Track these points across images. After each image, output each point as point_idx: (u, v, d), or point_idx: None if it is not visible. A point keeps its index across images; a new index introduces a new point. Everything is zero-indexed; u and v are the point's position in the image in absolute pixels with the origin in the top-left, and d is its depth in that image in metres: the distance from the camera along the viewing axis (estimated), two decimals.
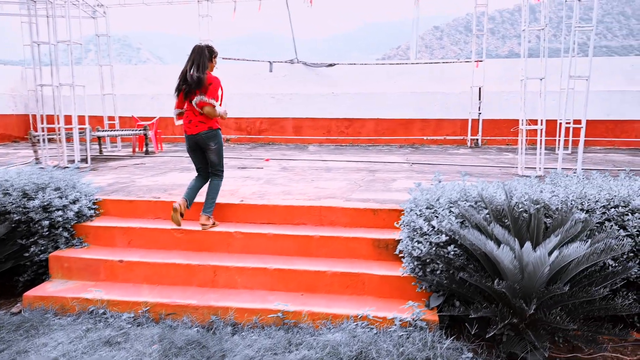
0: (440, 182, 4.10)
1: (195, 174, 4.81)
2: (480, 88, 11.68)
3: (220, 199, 4.92)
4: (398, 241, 4.00)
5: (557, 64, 9.71)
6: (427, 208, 3.77)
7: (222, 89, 4.57)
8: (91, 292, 4.04)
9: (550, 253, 3.05)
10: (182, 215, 4.43)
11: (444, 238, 3.48)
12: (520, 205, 3.53)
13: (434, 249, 3.52)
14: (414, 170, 7.23)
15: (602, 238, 3.18)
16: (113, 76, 11.43)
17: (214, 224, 4.60)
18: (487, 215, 3.54)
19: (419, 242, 3.62)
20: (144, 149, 10.33)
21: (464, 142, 12.02)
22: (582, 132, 6.56)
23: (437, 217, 3.64)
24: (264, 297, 3.92)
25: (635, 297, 3.44)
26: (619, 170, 7.35)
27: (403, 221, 3.86)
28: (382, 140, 12.52)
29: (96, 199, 4.97)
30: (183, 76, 4.52)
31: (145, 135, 10.23)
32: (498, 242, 3.23)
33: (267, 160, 8.86)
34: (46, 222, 4.41)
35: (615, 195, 3.56)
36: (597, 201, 3.55)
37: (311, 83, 13.01)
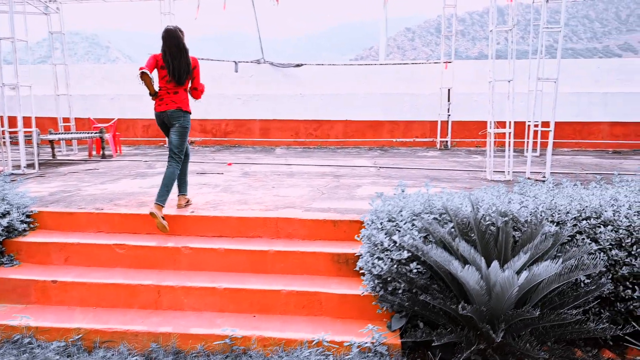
0: (403, 191, 3.82)
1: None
2: (449, 89, 11.54)
3: (169, 209, 4.54)
4: (359, 256, 3.70)
5: (526, 65, 9.63)
6: (388, 221, 3.48)
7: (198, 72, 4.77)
8: (17, 318, 3.60)
9: (519, 272, 2.79)
10: (163, 218, 4.28)
11: (405, 255, 3.20)
12: (487, 218, 3.28)
13: (395, 266, 3.23)
14: (380, 175, 6.96)
15: (574, 254, 2.96)
16: (68, 75, 10.82)
17: (188, 201, 4.78)
18: (453, 229, 3.27)
19: (379, 258, 3.32)
20: (102, 152, 9.79)
21: (433, 144, 11.87)
22: (551, 136, 6.42)
23: (399, 231, 3.35)
24: (212, 320, 3.56)
25: (608, 313, 3.24)
26: (587, 173, 7.29)
27: (363, 235, 3.56)
28: (351, 143, 12.26)
29: (30, 211, 4.51)
30: (169, 62, 4.50)
31: (101, 138, 9.68)
32: (464, 260, 2.97)
33: (229, 164, 8.47)
34: None
35: (586, 206, 3.34)
36: (567, 212, 3.33)
37: (279, 84, 12.65)
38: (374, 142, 12.16)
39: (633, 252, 3.20)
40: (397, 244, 3.26)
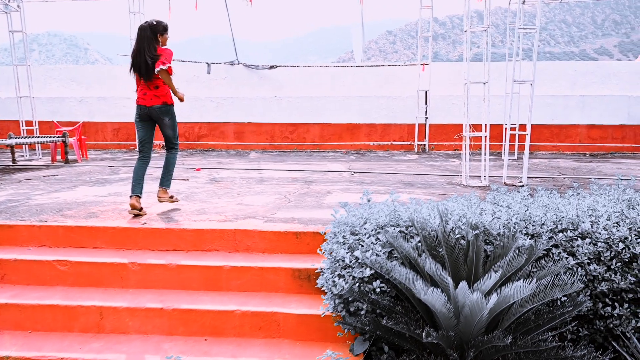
0: (369, 201, 3.54)
1: (136, 160, 4.75)
2: (426, 92, 11.37)
3: (120, 220, 4.20)
4: (321, 272, 3.41)
5: (503, 67, 9.49)
6: (351, 234, 3.20)
7: (171, 59, 4.58)
8: None
9: (490, 292, 2.53)
10: (141, 209, 4.46)
11: (368, 272, 2.91)
12: (457, 231, 3.02)
13: (357, 285, 2.94)
14: (353, 181, 6.69)
15: (550, 271, 2.71)
16: (30, 77, 10.33)
17: (171, 197, 4.86)
18: (420, 244, 3.00)
19: (340, 276, 3.03)
20: (65, 157, 9.33)
21: (411, 147, 11.66)
22: (527, 139, 6.22)
23: (362, 245, 3.07)
24: (159, 345, 3.23)
25: (587, 332, 3.00)
26: (565, 178, 7.13)
27: (325, 249, 3.27)
28: (327, 146, 11.99)
29: None
30: (133, 60, 4.57)
31: (64, 142, 9.23)
32: (430, 279, 2.70)
33: (198, 169, 8.11)
34: None
35: (563, 217, 3.10)
36: (543, 224, 3.09)
37: (253, 86, 12.32)
38: (350, 145, 11.91)
39: (612, 267, 2.97)
40: (359, 261, 2.97)
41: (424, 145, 11.52)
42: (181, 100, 4.77)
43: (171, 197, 4.90)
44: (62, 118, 12.24)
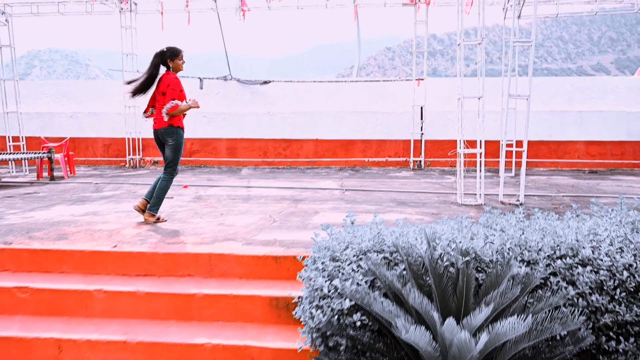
0: (353, 223, 3.28)
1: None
2: (422, 107, 11.17)
3: (90, 243, 3.94)
4: (299, 301, 3.14)
5: (500, 83, 9.30)
6: (331, 260, 2.94)
7: (179, 89, 4.72)
8: None
9: (480, 329, 2.27)
10: (143, 211, 4.83)
11: (348, 304, 2.64)
12: (445, 258, 2.76)
13: (336, 317, 2.67)
14: (344, 199, 6.44)
15: (548, 304, 2.45)
16: (18, 92, 10.15)
17: (158, 219, 4.85)
18: (405, 271, 2.74)
19: (318, 307, 2.76)
20: (51, 174, 9.08)
21: (406, 163, 11.43)
22: (524, 156, 5.99)
23: (342, 273, 2.81)
24: None
25: None
26: (563, 196, 6.88)
27: (304, 276, 3.00)
28: (321, 162, 11.76)
29: None
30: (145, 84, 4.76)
31: (50, 158, 8.99)
32: (416, 312, 2.43)
33: (185, 187, 7.87)
34: None
35: (561, 242, 2.85)
36: (540, 250, 2.83)
37: (246, 101, 12.13)
38: (345, 161, 11.68)
39: (616, 297, 2.70)
40: (338, 290, 2.71)
41: (420, 161, 11.29)
42: (196, 107, 4.85)
43: (158, 218, 4.87)
44: (52, 134, 12.02)
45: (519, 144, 9.14)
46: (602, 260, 2.75)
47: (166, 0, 11.49)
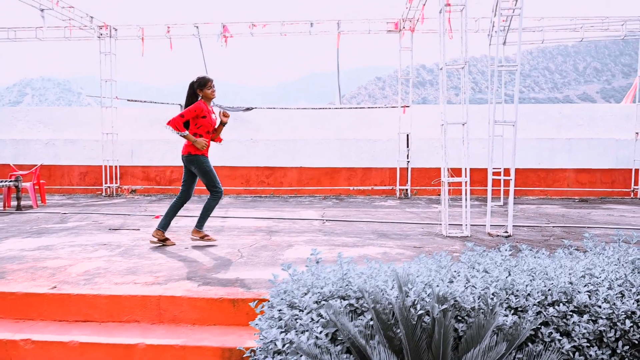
0: (318, 262, 2.88)
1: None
2: (408, 135, 10.92)
3: (28, 283, 3.50)
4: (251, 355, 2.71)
5: (486, 110, 9.09)
6: (289, 307, 2.53)
7: (194, 113, 4.85)
8: None
9: None
10: (164, 240, 5.02)
11: None
12: (420, 305, 2.37)
13: None
14: (322, 231, 6.05)
15: None
16: None
17: (203, 237, 5.08)
18: (372, 321, 2.34)
19: None
20: (18, 203, 8.61)
21: (392, 192, 11.10)
22: (512, 185, 5.67)
23: (301, 324, 2.40)
24: None
25: None
26: (554, 226, 6.54)
27: (259, 325, 2.59)
28: (305, 191, 11.39)
29: None
30: None
31: (16, 187, 8.54)
32: None
33: (156, 217, 7.44)
34: None
35: (553, 285, 2.47)
36: (529, 295, 2.45)
37: (228, 128, 11.74)
38: (330, 190, 11.33)
39: (619, 351, 2.32)
40: (294, 345, 2.30)
41: (406, 190, 10.96)
42: (202, 147, 4.89)
43: (203, 237, 5.09)
44: (27, 161, 11.60)
45: (507, 171, 8.86)
46: (600, 307, 2.38)
47: (147, 25, 11.30)
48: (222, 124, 5.08)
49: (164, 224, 5.02)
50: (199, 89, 4.92)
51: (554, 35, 10.10)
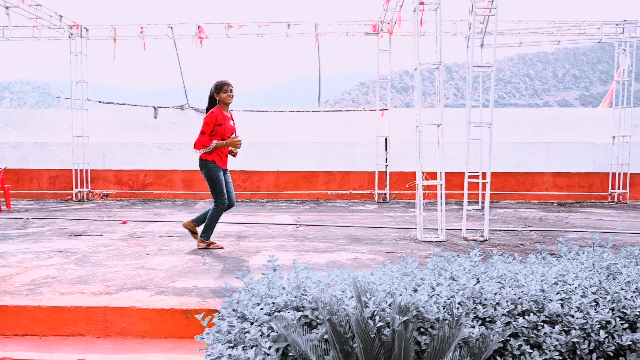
0: (274, 270, 2.67)
1: None
2: (386, 138, 10.78)
3: None
4: None
5: (465, 113, 8.98)
6: (239, 319, 2.32)
7: (212, 125, 4.80)
8: None
9: None
10: (195, 231, 5.12)
11: None
12: (379, 316, 2.17)
13: None
14: (294, 236, 5.83)
15: None
16: None
17: (209, 245, 4.98)
18: (327, 334, 2.13)
19: None
20: None
21: (371, 196, 10.94)
22: (487, 188, 5.54)
23: (250, 338, 2.18)
24: None
25: None
26: (531, 230, 6.43)
27: (205, 339, 2.37)
28: (283, 195, 11.17)
29: None
30: None
31: None
32: None
33: (124, 222, 7.14)
34: None
35: (524, 293, 2.30)
36: (497, 304, 2.27)
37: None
38: (307, 194, 11.12)
39: None
40: None
41: (385, 194, 10.81)
42: (234, 149, 5.15)
43: (209, 245, 4.99)
44: None
45: (485, 175, 8.77)
46: (573, 316, 2.21)
47: (120, 26, 10.99)
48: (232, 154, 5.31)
49: (207, 235, 5.02)
50: (216, 92, 4.93)
51: (531, 38, 10.07)
